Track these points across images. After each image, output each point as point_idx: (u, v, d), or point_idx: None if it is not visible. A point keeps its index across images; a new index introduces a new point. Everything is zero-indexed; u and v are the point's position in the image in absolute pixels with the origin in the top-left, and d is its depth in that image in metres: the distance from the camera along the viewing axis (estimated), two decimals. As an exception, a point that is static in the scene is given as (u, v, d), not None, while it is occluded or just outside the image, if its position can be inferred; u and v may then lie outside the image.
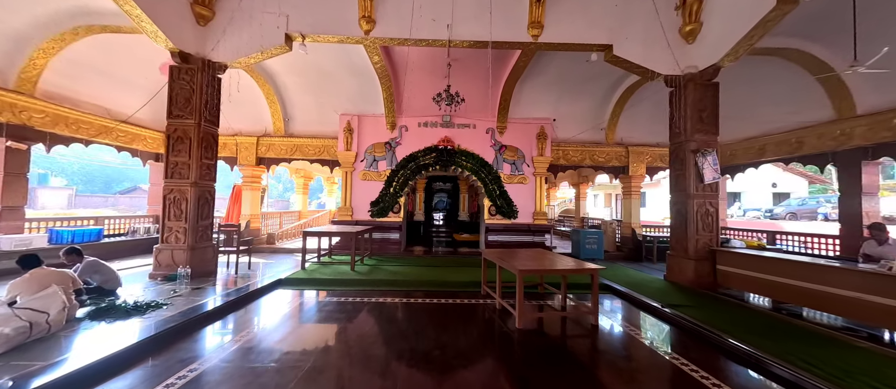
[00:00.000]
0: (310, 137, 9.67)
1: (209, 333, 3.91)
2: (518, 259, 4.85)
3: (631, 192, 9.79)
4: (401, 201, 9.42)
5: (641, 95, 9.00)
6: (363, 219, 9.34)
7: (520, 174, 9.59)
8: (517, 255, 5.20)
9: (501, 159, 9.60)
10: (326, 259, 8.14)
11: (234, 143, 9.54)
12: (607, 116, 9.66)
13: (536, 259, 4.94)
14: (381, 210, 9.33)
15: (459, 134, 9.61)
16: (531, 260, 4.79)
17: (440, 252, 9.82)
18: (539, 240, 9.49)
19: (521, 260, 4.72)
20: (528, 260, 4.77)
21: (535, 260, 4.89)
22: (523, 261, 4.66)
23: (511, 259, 4.84)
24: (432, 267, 7.58)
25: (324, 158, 9.68)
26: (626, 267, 8.27)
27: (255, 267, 7.18)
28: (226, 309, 4.57)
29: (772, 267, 4.99)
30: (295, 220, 12.49)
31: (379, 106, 9.21)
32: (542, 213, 9.50)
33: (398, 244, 9.42)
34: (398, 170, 9.40)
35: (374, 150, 9.50)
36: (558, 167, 9.88)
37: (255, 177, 9.59)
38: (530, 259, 4.90)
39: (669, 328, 4.39)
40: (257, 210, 9.63)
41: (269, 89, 8.95)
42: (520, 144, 9.65)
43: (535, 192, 9.59)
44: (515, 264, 4.40)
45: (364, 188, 9.42)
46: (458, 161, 9.47)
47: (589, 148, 9.88)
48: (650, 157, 9.90)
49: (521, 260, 4.72)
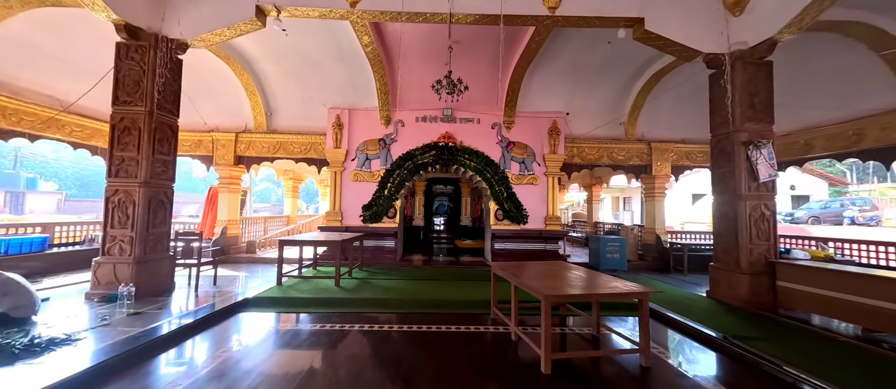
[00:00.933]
0: (295, 133, 8.67)
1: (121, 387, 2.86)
2: (537, 276, 3.80)
3: (654, 194, 8.75)
4: (396, 205, 8.41)
5: (666, 85, 7.99)
6: (354, 225, 8.31)
7: (530, 174, 8.56)
8: (533, 270, 4.16)
9: (509, 157, 8.58)
10: (310, 272, 7.11)
11: (209, 140, 8.54)
12: (627, 109, 8.65)
13: (558, 276, 3.89)
14: (375, 214, 8.31)
15: (462, 129, 8.60)
16: (554, 279, 3.74)
17: (441, 261, 8.78)
18: (552, 248, 8.44)
19: (543, 279, 3.68)
20: (551, 279, 3.72)
21: (558, 277, 3.84)
22: (546, 281, 3.61)
23: (528, 276, 3.80)
24: (432, 281, 6.54)
25: (310, 157, 8.67)
26: (655, 279, 7.21)
27: (228, 281, 6.15)
28: (159, 344, 3.52)
29: (860, 285, 3.93)
30: (282, 226, 11.48)
31: (372, 98, 8.22)
32: (555, 218, 8.46)
33: (393, 253, 8.38)
34: (394, 170, 8.39)
35: (366, 148, 8.50)
36: (572, 166, 8.86)
37: (234, 178, 8.59)
38: (552, 276, 3.85)
39: (741, 369, 3.34)
40: (236, 215, 8.62)
41: (247, 78, 7.96)
42: (529, 141, 8.63)
43: (546, 194, 8.56)
44: (538, 285, 3.36)
45: (355, 190, 8.41)
46: (460, 160, 8.45)
47: (606, 144, 8.85)
48: (675, 155, 8.87)
49: (543, 279, 3.68)
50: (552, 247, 8.46)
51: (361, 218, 8.32)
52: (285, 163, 9.64)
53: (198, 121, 8.48)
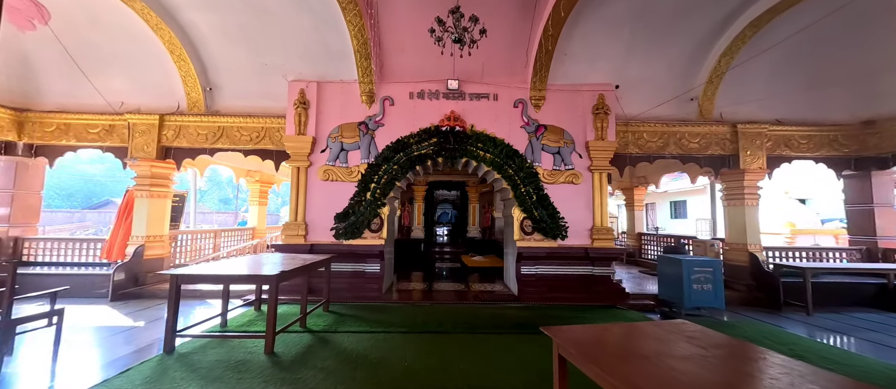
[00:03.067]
0: (243, 116, 6.30)
1: None
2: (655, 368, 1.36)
3: (743, 196, 6.28)
4: (383, 213, 6.00)
5: (765, 39, 5.59)
6: (324, 242, 5.90)
7: (568, 168, 6.14)
8: (640, 351, 1.72)
9: (539, 146, 6.18)
10: (251, 313, 4.70)
11: (123, 125, 6.19)
12: (704, 78, 6.24)
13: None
14: (352, 227, 5.89)
15: (474, 108, 6.23)
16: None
17: (446, 291, 6.32)
18: (602, 273, 5.97)
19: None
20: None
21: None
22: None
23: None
24: (435, 335, 4.09)
25: (265, 148, 6.29)
26: (768, 322, 4.75)
27: (100, 335, 3.75)
28: None
29: None
30: (244, 240, 9.08)
31: (348, 65, 5.88)
32: (605, 230, 6.01)
33: (378, 282, 5.93)
34: (380, 165, 6.00)
35: (341, 135, 6.13)
36: (626, 158, 6.42)
37: (160, 177, 6.21)
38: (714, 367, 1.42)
39: None
40: (162, 229, 6.22)
41: (170, 36, 5.63)
42: (567, 124, 6.24)
43: (592, 197, 6.13)
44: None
45: (326, 193, 6.02)
46: (471, 150, 6.07)
47: (673, 127, 6.42)
48: (771, 142, 6.42)
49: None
50: (602, 272, 5.99)
51: (334, 232, 5.91)
52: (231, 156, 7.26)
53: (111, 99, 6.16)
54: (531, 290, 5.86)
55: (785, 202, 13.18)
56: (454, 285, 6.83)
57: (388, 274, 6.59)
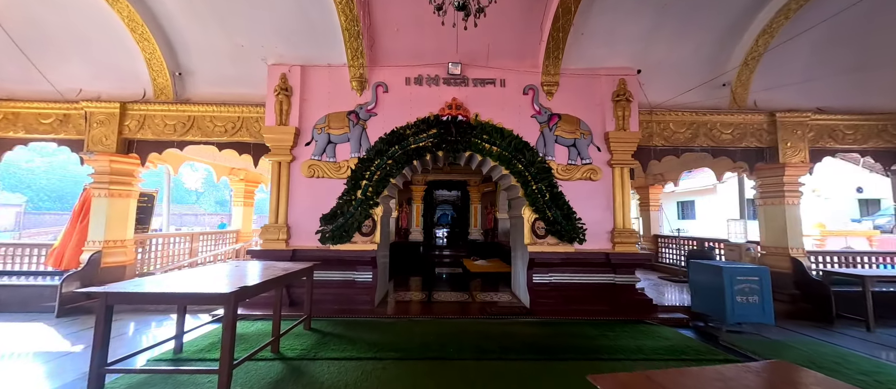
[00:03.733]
0: (217, 104, 5.56)
1: None
2: None
3: (783, 193, 5.56)
4: (376, 213, 5.26)
5: (810, 13, 4.89)
6: (309, 247, 5.17)
7: (585, 163, 5.43)
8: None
9: (552, 137, 5.46)
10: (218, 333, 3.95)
11: (79, 115, 5.44)
12: (738, 61, 5.53)
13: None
14: (340, 230, 5.15)
15: (479, 95, 5.51)
16: None
17: (448, 302, 5.58)
18: (624, 282, 5.25)
19: None
20: None
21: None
22: None
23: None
24: (436, 361, 3.35)
25: (242, 141, 5.54)
26: (832, 344, 4.03)
27: (24, 363, 3.01)
28: None
29: None
30: (228, 244, 8.31)
31: (336, 46, 5.16)
32: (627, 232, 5.29)
33: (370, 292, 5.18)
34: (372, 160, 5.27)
35: (328, 125, 5.39)
36: (651, 151, 5.69)
37: (122, 173, 5.46)
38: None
39: None
40: (124, 232, 5.47)
41: (130, 13, 4.89)
42: (583, 113, 5.52)
43: (612, 194, 5.41)
44: None
45: (311, 191, 5.29)
46: (476, 142, 5.35)
47: (703, 116, 5.70)
48: (814, 132, 5.71)
49: None
50: (625, 280, 5.26)
51: (319, 235, 5.17)
52: (203, 151, 6.48)
53: (67, 85, 5.42)
54: (545, 302, 5.13)
55: (813, 201, 12.48)
56: (456, 295, 6.09)
57: (382, 283, 5.85)
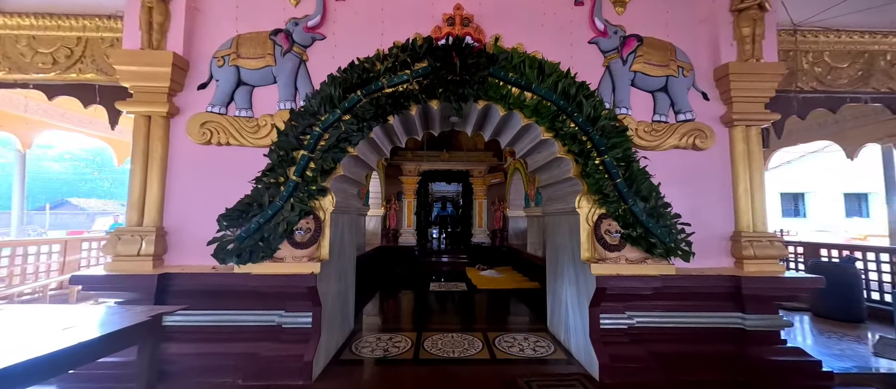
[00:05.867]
0: (41, 16, 3.20)
1: None
2: None
3: None
4: (320, 207, 2.92)
5: None
6: (196, 268, 2.83)
7: (685, 118, 3.13)
8: None
9: (626, 77, 3.15)
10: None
11: None
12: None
13: None
14: (255, 238, 2.79)
15: (499, 5, 3.19)
16: None
17: (450, 364, 3.25)
18: (760, 327, 2.95)
19: None
20: None
21: None
22: None
23: None
24: None
25: (83, 81, 3.18)
26: None
27: None
28: None
29: None
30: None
31: None
32: (763, 239, 3.00)
33: (303, 347, 2.84)
34: (316, 114, 2.92)
35: (238, 53, 3.05)
36: (793, 98, 3.39)
37: None
38: None
39: None
40: None
41: None
42: (678, 35, 3.22)
43: (732, 174, 3.12)
44: None
45: (206, 169, 2.96)
46: (494, 83, 3.03)
47: (882, 40, 3.41)
48: None
49: None
50: (760, 325, 2.96)
51: (216, 248, 2.81)
52: (66, 105, 4.04)
53: None
54: (627, 367, 2.82)
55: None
56: (462, 340, 3.76)
57: (336, 326, 3.52)
